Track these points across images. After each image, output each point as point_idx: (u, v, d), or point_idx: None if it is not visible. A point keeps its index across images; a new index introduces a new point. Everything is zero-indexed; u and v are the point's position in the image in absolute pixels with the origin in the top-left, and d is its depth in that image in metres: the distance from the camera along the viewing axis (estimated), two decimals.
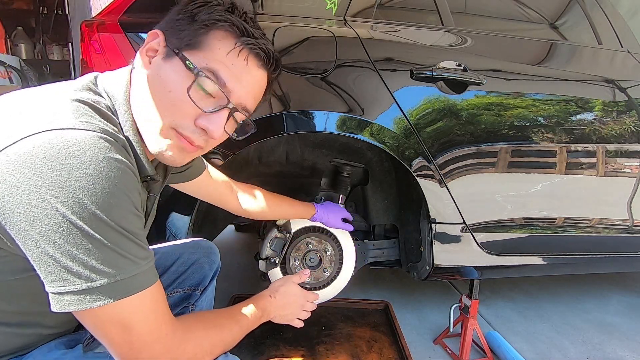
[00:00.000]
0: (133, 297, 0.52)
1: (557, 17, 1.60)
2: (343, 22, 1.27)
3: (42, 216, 0.46)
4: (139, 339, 0.54)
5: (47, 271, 0.49)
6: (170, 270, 0.97)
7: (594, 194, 1.50)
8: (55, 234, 0.47)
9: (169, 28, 0.61)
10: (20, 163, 0.46)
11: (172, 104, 0.59)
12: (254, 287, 1.79)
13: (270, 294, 0.90)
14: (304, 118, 1.15)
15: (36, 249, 0.48)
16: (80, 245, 0.48)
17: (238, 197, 1.05)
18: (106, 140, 0.51)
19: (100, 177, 0.49)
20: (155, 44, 0.61)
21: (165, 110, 0.59)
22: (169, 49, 0.59)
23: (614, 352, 1.55)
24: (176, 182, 0.92)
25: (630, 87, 1.49)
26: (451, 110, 1.26)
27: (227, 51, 0.60)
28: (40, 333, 0.65)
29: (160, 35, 0.60)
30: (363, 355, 1.32)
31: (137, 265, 0.53)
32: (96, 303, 0.50)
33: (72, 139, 0.48)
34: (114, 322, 0.52)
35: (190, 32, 0.59)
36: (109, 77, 0.63)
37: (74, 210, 0.47)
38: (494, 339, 1.46)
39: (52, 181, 0.46)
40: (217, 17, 0.59)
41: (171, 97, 0.58)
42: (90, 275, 0.49)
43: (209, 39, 0.59)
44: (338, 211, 1.32)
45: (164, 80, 0.59)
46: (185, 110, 0.59)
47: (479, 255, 1.41)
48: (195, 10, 0.60)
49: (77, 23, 2.76)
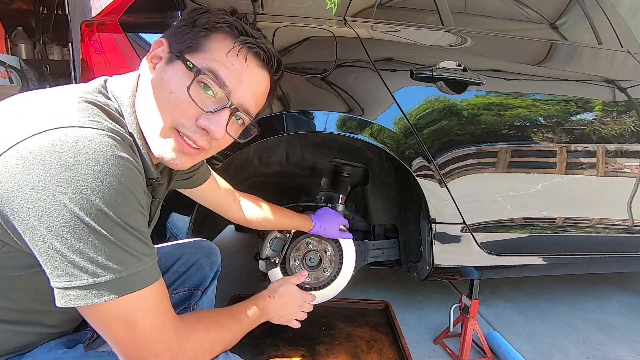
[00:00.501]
0: (137, 293, 0.53)
1: (557, 17, 1.60)
2: (343, 22, 1.27)
3: (51, 211, 0.47)
4: (142, 335, 0.54)
5: (53, 266, 0.49)
6: (171, 270, 0.97)
7: (594, 194, 1.50)
8: (63, 229, 0.48)
9: (172, 35, 0.64)
10: (30, 159, 0.47)
11: (174, 105, 0.60)
12: (254, 287, 1.79)
13: (269, 294, 0.91)
14: (304, 118, 1.15)
15: (43, 243, 0.48)
16: (87, 240, 0.49)
17: (240, 206, 1.06)
18: (114, 139, 0.52)
19: (108, 174, 0.50)
20: (160, 51, 0.63)
21: (167, 111, 0.60)
22: (172, 54, 0.62)
23: (614, 352, 1.55)
24: (180, 187, 0.93)
25: (630, 87, 1.49)
26: (451, 110, 1.26)
27: (226, 51, 0.61)
28: (40, 332, 0.65)
29: (164, 43, 0.63)
30: (363, 355, 1.32)
31: (142, 262, 0.54)
32: (101, 298, 0.50)
33: (81, 137, 0.49)
34: (117, 318, 0.53)
35: (191, 36, 0.62)
36: (117, 81, 0.65)
37: (81, 206, 0.48)
38: (494, 339, 1.46)
39: (60, 177, 0.47)
40: (217, 19, 0.62)
41: (172, 97, 0.60)
42: (97, 271, 0.50)
43: (209, 41, 0.61)
44: (334, 220, 1.31)
45: (165, 83, 0.60)
46: (186, 109, 0.60)
47: (479, 255, 1.41)
48: (197, 16, 0.63)
49: (77, 23, 2.76)
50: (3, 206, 0.48)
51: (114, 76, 0.67)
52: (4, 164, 0.47)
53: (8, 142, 0.47)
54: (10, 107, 0.54)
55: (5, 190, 0.47)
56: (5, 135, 0.48)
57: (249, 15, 1.20)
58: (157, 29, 1.07)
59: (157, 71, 0.62)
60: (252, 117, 0.67)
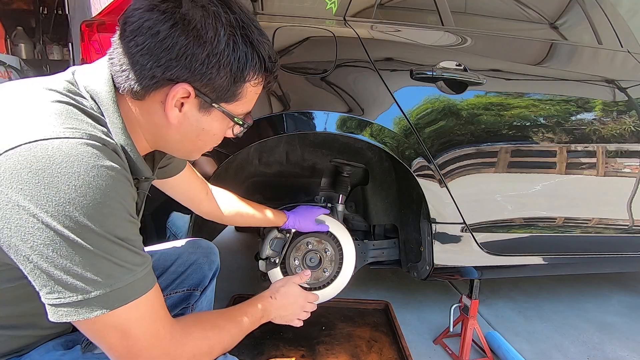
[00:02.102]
0: (130, 305, 0.52)
1: (557, 17, 1.60)
2: (343, 22, 1.27)
3: (33, 231, 0.46)
4: (136, 343, 0.54)
5: (41, 284, 0.48)
6: (169, 270, 0.96)
7: (594, 194, 1.50)
8: (47, 248, 0.46)
9: (194, 75, 0.56)
10: (7, 178, 0.45)
11: (204, 142, 0.66)
12: (254, 287, 1.79)
13: (270, 295, 0.90)
14: (304, 118, 1.15)
15: (29, 263, 0.47)
16: (73, 258, 0.47)
17: (213, 201, 1.03)
18: (94, 147, 0.49)
19: (90, 187, 0.47)
20: (184, 93, 0.57)
21: (194, 147, 0.67)
22: (204, 102, 0.59)
23: (614, 352, 1.55)
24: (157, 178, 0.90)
25: (630, 87, 1.49)
26: (451, 110, 1.25)
27: (258, 92, 0.65)
28: (36, 334, 0.65)
29: (191, 92, 0.57)
30: (363, 355, 1.32)
31: (133, 273, 0.53)
32: (93, 313, 0.49)
33: (58, 150, 0.46)
34: (111, 328, 0.52)
35: (224, 84, 0.58)
36: (87, 74, 0.58)
37: (65, 224, 0.46)
38: (494, 339, 1.46)
39: (40, 195, 0.45)
40: (246, 59, 0.58)
41: (208, 139, 0.65)
42: (85, 287, 0.48)
43: (244, 89, 0.62)
44: (310, 213, 1.28)
45: (208, 131, 0.63)
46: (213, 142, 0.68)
47: (479, 255, 1.41)
48: (224, 59, 0.56)
49: (77, 23, 2.76)
50: None
51: (84, 66, 0.60)
52: None
53: None
54: None
55: None
56: None
57: None
58: None
59: (188, 116, 0.60)
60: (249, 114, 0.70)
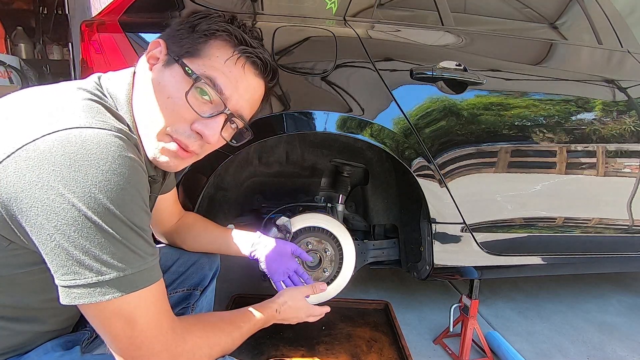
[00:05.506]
0: (140, 292, 0.54)
1: (557, 17, 1.60)
2: (343, 22, 1.27)
3: (59, 210, 0.48)
4: (140, 333, 0.55)
5: (59, 264, 0.50)
6: (170, 270, 0.97)
7: (594, 194, 1.50)
8: (70, 228, 0.48)
9: (171, 37, 0.64)
10: (40, 159, 0.47)
11: (171, 109, 0.61)
12: (254, 287, 1.79)
13: (276, 308, 0.86)
14: (304, 118, 1.15)
15: (50, 242, 0.49)
16: (93, 239, 0.49)
17: (177, 228, 1.00)
18: (121, 139, 0.53)
19: (115, 174, 0.51)
20: (157, 52, 0.64)
21: (164, 115, 0.61)
22: (170, 57, 0.62)
23: (614, 352, 1.55)
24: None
25: (630, 87, 1.49)
26: (451, 110, 1.25)
27: (225, 59, 0.62)
28: (37, 331, 0.65)
29: (161, 44, 0.63)
30: (363, 355, 1.32)
31: (145, 261, 0.55)
32: (105, 296, 0.51)
33: (90, 137, 0.50)
34: (118, 315, 0.53)
35: (190, 41, 0.62)
36: (111, 78, 0.65)
37: (89, 205, 0.49)
38: (494, 339, 1.46)
39: (70, 177, 0.48)
40: (217, 27, 0.63)
41: (170, 102, 0.61)
42: (101, 269, 0.50)
43: (207, 48, 0.62)
44: (282, 257, 1.07)
45: (164, 87, 0.61)
46: (183, 114, 0.61)
47: (479, 255, 1.41)
48: (196, 22, 0.63)
49: (77, 23, 2.76)
50: (11, 205, 0.49)
51: (108, 73, 0.67)
52: (14, 165, 0.47)
53: (16, 143, 0.48)
54: (11, 106, 0.54)
55: (14, 190, 0.48)
56: (10, 135, 0.49)
57: (249, 16, 1.20)
58: (157, 29, 1.07)
59: (155, 73, 0.63)
60: (247, 121, 0.69)
